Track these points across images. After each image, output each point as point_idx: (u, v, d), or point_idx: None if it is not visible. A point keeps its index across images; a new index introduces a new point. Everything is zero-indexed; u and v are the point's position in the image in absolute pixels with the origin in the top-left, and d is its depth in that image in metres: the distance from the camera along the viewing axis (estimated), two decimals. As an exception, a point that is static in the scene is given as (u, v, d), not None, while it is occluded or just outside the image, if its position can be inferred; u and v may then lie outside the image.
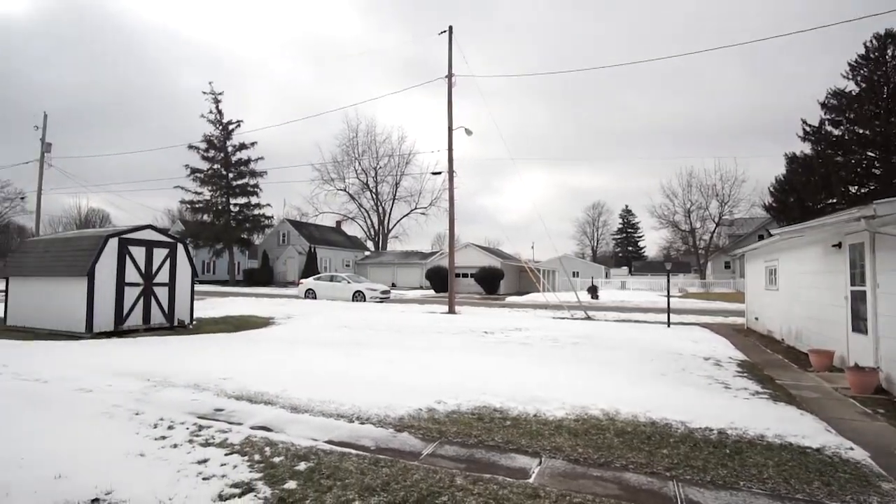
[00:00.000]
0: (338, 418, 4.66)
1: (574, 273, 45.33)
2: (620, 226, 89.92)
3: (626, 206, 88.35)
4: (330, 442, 4.03)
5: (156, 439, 3.96)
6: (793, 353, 9.09)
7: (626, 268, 70.15)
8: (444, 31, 19.01)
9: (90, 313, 10.03)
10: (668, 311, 14.07)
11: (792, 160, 29.92)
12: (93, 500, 2.88)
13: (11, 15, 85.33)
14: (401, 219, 62.16)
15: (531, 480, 3.37)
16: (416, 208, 60.86)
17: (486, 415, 4.85)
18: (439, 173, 23.86)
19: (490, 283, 35.51)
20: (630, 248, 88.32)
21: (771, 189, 32.63)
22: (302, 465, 3.48)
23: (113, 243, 10.46)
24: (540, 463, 3.70)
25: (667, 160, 76.46)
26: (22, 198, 56.46)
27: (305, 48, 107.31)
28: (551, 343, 9.99)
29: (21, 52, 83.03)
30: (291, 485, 3.16)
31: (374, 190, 60.19)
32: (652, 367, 7.59)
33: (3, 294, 12.42)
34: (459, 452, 3.89)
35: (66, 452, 3.60)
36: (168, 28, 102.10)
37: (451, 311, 17.83)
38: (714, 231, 48.02)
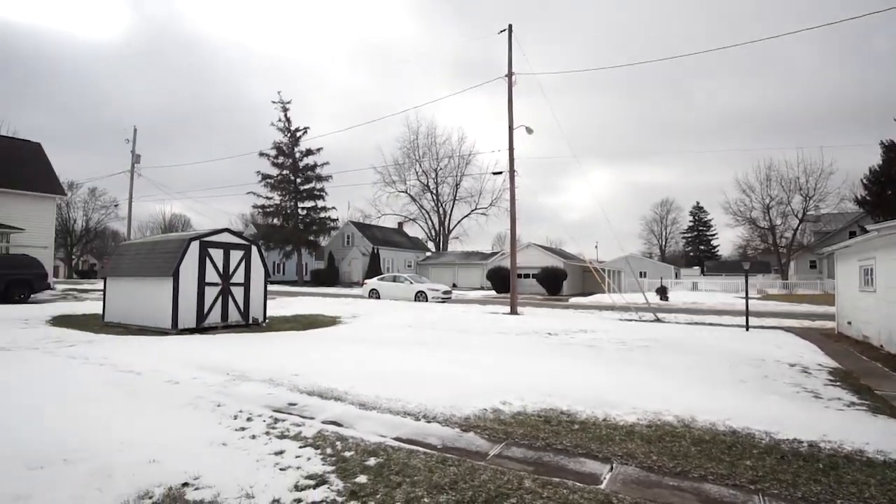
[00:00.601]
0: (404, 416, 4.74)
1: (641, 273, 43.65)
2: (691, 223, 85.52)
3: (698, 203, 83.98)
4: (397, 439, 4.10)
5: (236, 430, 4.19)
6: (893, 361, 8.26)
7: (697, 268, 66.59)
8: (504, 31, 18.89)
9: (175, 311, 10.80)
10: (747, 313, 13.21)
11: (890, 148, 27.27)
12: (183, 484, 3.08)
13: (102, 42, 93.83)
14: (461, 219, 62.43)
15: (602, 486, 3.26)
16: (476, 209, 60.93)
17: (553, 417, 4.75)
18: (500, 173, 23.70)
19: (552, 283, 34.89)
20: (702, 247, 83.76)
21: (864, 181, 29.89)
22: (372, 461, 3.56)
23: (195, 246, 11.20)
24: (611, 469, 3.57)
25: (742, 152, 72.08)
26: (116, 205, 62.17)
27: (364, 54, 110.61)
28: (619, 346, 9.66)
29: (112, 74, 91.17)
30: (362, 479, 3.24)
31: (434, 191, 60.82)
32: (730, 372, 7.15)
33: (102, 293, 13.60)
34: (527, 454, 3.84)
35: (158, 439, 3.89)
36: (240, 43, 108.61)
37: (513, 311, 17.67)
38: (797, 228, 44.54)
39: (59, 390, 5.43)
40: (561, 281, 35.15)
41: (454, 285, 43.15)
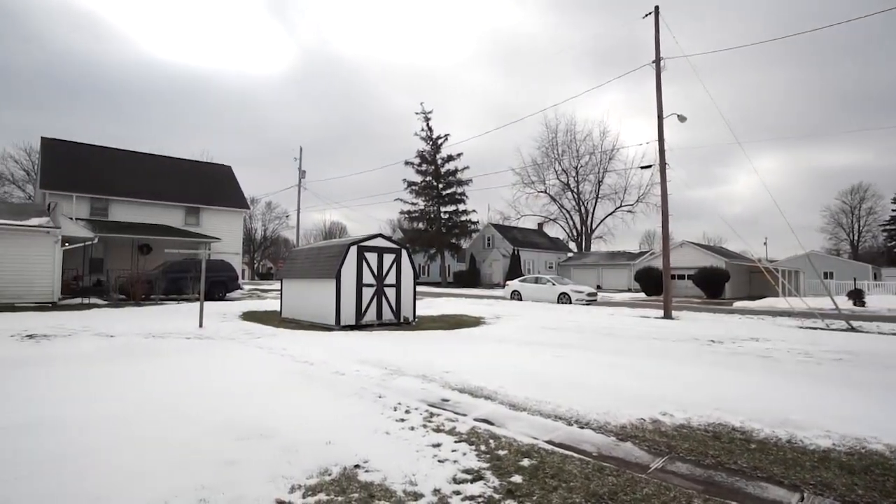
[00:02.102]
0: (556, 419, 4.65)
1: (826, 274, 37.43)
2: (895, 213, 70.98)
3: (903, 189, 69.29)
4: (550, 442, 4.03)
5: (396, 421, 4.49)
6: None
7: (904, 267, 55.05)
8: (649, 14, 17.63)
9: (338, 309, 11.97)
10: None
11: None
12: (355, 466, 3.39)
13: (269, 76, 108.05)
14: (604, 218, 59.70)
15: (793, 517, 2.84)
16: (621, 206, 57.79)
17: (724, 434, 4.28)
18: (648, 167, 22.14)
19: (712, 285, 31.58)
20: (911, 242, 68.91)
21: None
22: (525, 462, 3.55)
23: (353, 250, 12.30)
24: (802, 499, 3.10)
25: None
26: (287, 216, 71.25)
27: (496, 54, 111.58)
28: (802, 358, 8.38)
29: (277, 102, 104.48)
30: (517, 479, 3.25)
31: (575, 190, 59.06)
32: (962, 396, 5.77)
33: (279, 292, 15.63)
34: (694, 472, 3.51)
35: (331, 423, 4.33)
36: (382, 60, 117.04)
37: (667, 315, 16.35)
38: None
39: (252, 375, 6.36)
40: (722, 282, 31.66)
41: (598, 287, 41.35)
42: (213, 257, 25.58)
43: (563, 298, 23.37)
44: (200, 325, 11.41)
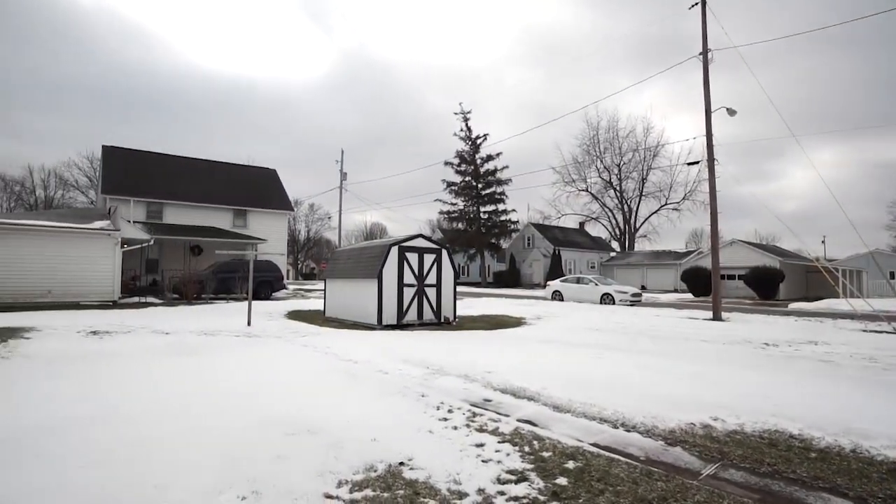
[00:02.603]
0: (601, 422, 4.56)
1: (892, 274, 35.15)
2: (972, 208, 65.71)
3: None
4: (595, 445, 3.96)
5: (439, 420, 4.51)
6: None
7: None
8: (696, 4, 17.02)
9: (380, 309, 12.13)
10: None
11: None
12: (400, 463, 3.44)
13: (309, 81, 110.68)
14: (649, 216, 58.10)
15: (859, 531, 2.69)
16: (666, 204, 56.11)
17: (781, 441, 4.09)
18: (695, 163, 21.42)
19: (765, 285, 30.19)
20: None
21: None
22: (570, 464, 3.50)
23: (394, 251, 12.44)
24: (869, 511, 2.93)
25: None
26: (329, 217, 72.89)
27: (534, 49, 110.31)
28: (866, 363, 7.91)
29: (317, 106, 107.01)
30: (563, 481, 3.20)
31: (617, 188, 57.74)
32: None
33: (323, 292, 15.99)
34: (749, 480, 3.37)
35: (375, 421, 4.40)
36: (419, 61, 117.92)
37: (717, 317, 15.74)
38: None
39: (297, 373, 6.53)
40: (776, 283, 30.22)
41: (643, 287, 40.29)
42: (260, 258, 26.46)
43: (607, 299, 22.89)
44: (248, 324, 11.81)
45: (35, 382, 5.71)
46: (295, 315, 15.01)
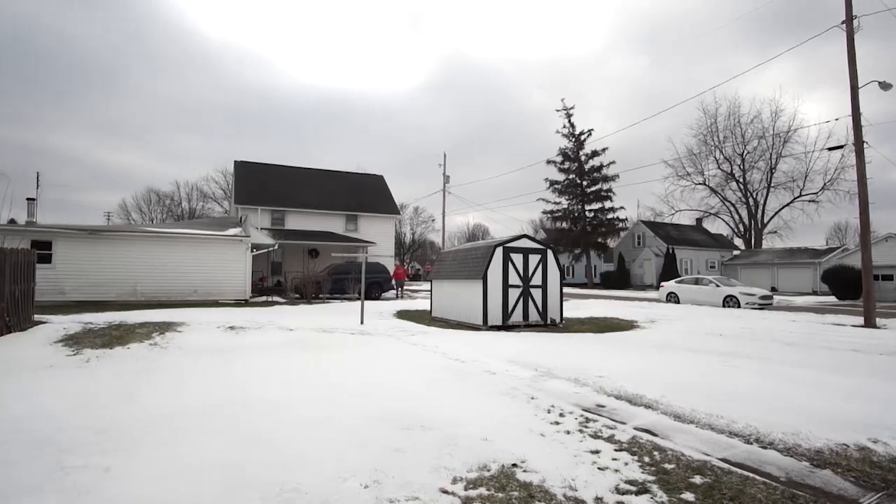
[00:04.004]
0: (730, 436, 4.17)
1: None
2: None
3: None
4: (725, 460, 3.63)
5: (550, 423, 4.42)
6: None
7: None
8: (839, -32, 14.96)
9: (485, 309, 12.19)
10: None
11: None
12: (513, 465, 3.42)
13: (409, 87, 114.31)
14: (779, 210, 52.02)
15: None
16: (800, 195, 49.90)
17: (966, 471, 3.45)
18: (838, 147, 18.91)
19: (931, 287, 25.73)
20: None
21: None
22: (697, 479, 3.24)
23: (499, 252, 12.43)
24: None
25: None
26: (432, 220, 74.98)
27: (635, 36, 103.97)
28: None
29: (418, 111, 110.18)
30: (689, 496, 2.98)
31: (740, 179, 52.52)
32: None
33: (429, 293, 16.44)
34: (924, 514, 2.88)
35: (485, 421, 4.42)
36: (516, 58, 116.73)
37: (870, 323, 13.70)
38: None
39: (408, 370, 6.77)
40: (947, 284, 25.62)
41: (773, 289, 36.32)
42: (369, 260, 27.85)
43: (730, 301, 20.94)
44: (361, 322, 12.49)
45: (189, 370, 6.53)
46: (403, 314, 15.59)
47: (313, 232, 28.28)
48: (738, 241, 54.00)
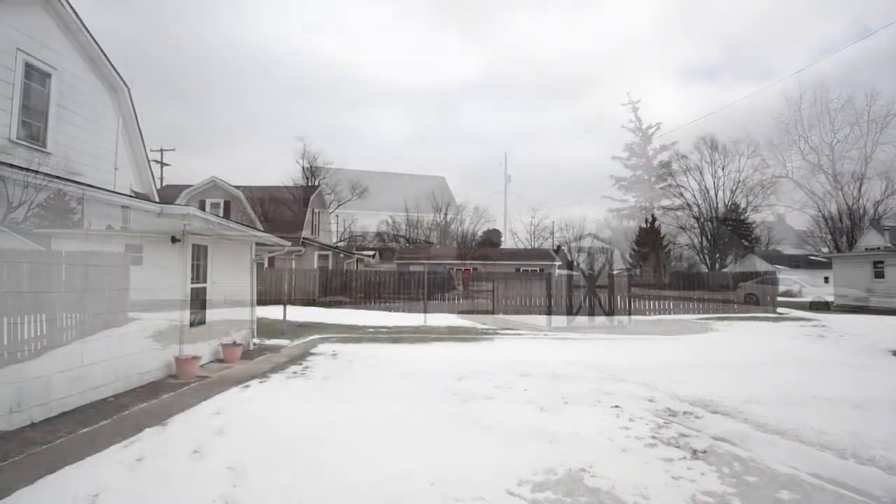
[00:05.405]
0: (821, 449, 3.85)
1: None
2: None
3: None
4: (815, 475, 3.35)
5: (619, 428, 4.27)
6: None
7: None
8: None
9: (549, 310, 11.99)
10: None
11: None
12: (580, 469, 3.33)
13: (463, 79, 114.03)
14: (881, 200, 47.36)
15: None
16: (900, 188, 45.18)
17: None
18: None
19: None
20: None
21: None
22: (784, 494, 3.02)
23: (563, 251, 12.19)
24: None
25: None
26: (494, 220, 74.91)
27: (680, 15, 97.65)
28: None
29: (474, 104, 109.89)
30: (775, 513, 2.78)
31: (829, 171, 48.26)
32: None
33: (490, 293, 16.39)
34: None
35: (548, 425, 4.34)
36: (575, 51, 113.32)
37: None
38: None
39: (475, 363, 6.77)
40: None
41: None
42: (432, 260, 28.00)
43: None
44: (425, 322, 12.65)
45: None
46: (466, 314, 15.64)
47: (377, 234, 29.03)
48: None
